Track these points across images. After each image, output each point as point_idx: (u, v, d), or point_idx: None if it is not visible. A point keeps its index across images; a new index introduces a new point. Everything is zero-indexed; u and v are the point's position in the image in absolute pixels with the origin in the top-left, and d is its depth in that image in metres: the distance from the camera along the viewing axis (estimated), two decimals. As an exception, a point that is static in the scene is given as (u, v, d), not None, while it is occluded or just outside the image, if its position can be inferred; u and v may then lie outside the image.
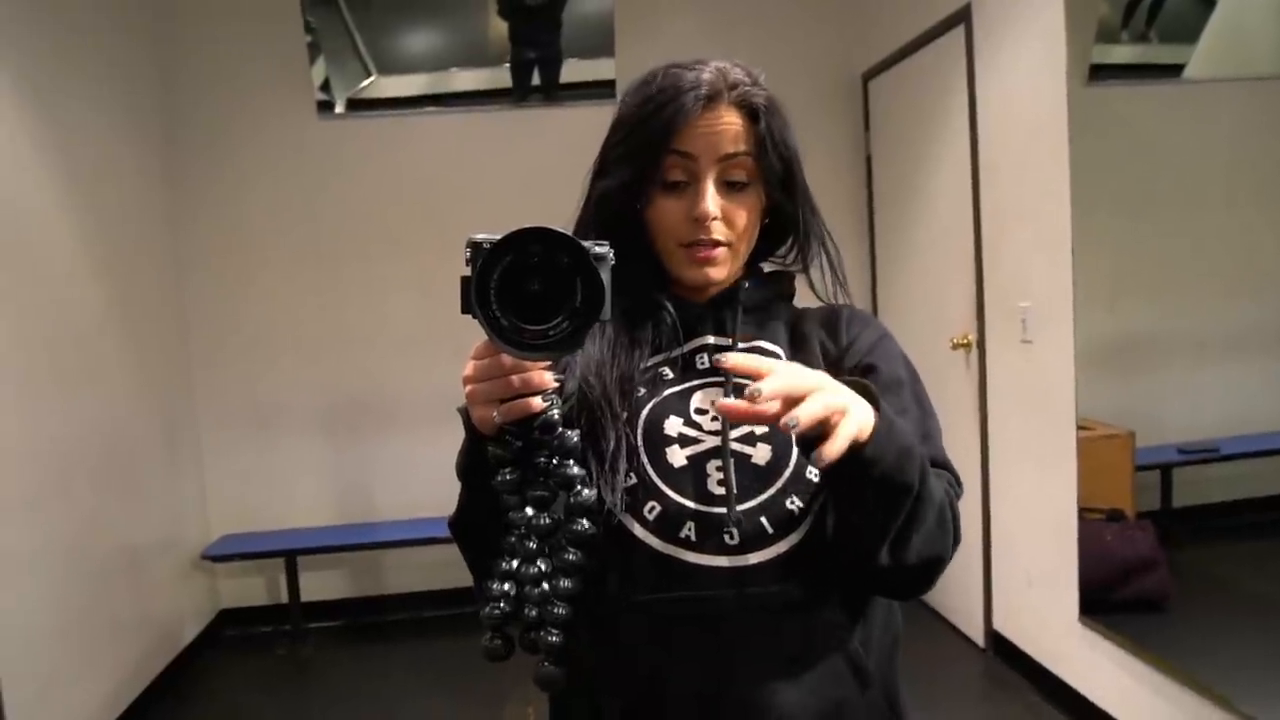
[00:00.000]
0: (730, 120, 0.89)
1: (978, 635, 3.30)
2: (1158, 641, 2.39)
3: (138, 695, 3.10)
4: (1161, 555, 2.47)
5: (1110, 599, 2.58)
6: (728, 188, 0.91)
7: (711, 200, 0.89)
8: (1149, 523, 2.52)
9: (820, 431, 0.70)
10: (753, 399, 0.68)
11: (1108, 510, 2.58)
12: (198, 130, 3.77)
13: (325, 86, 3.82)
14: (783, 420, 0.68)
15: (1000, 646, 3.17)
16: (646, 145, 0.89)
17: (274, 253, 3.87)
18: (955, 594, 3.42)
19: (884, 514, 0.78)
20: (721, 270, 0.93)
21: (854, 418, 0.71)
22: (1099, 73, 2.53)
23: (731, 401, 0.72)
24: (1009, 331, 2.96)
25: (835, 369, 0.93)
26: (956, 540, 0.85)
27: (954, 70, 3.18)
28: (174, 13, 3.71)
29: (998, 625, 3.19)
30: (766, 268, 1.02)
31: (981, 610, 3.25)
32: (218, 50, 3.77)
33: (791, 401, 0.69)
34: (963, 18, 3.08)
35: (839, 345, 0.96)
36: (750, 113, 0.90)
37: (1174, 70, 2.39)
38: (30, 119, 2.71)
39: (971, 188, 3.12)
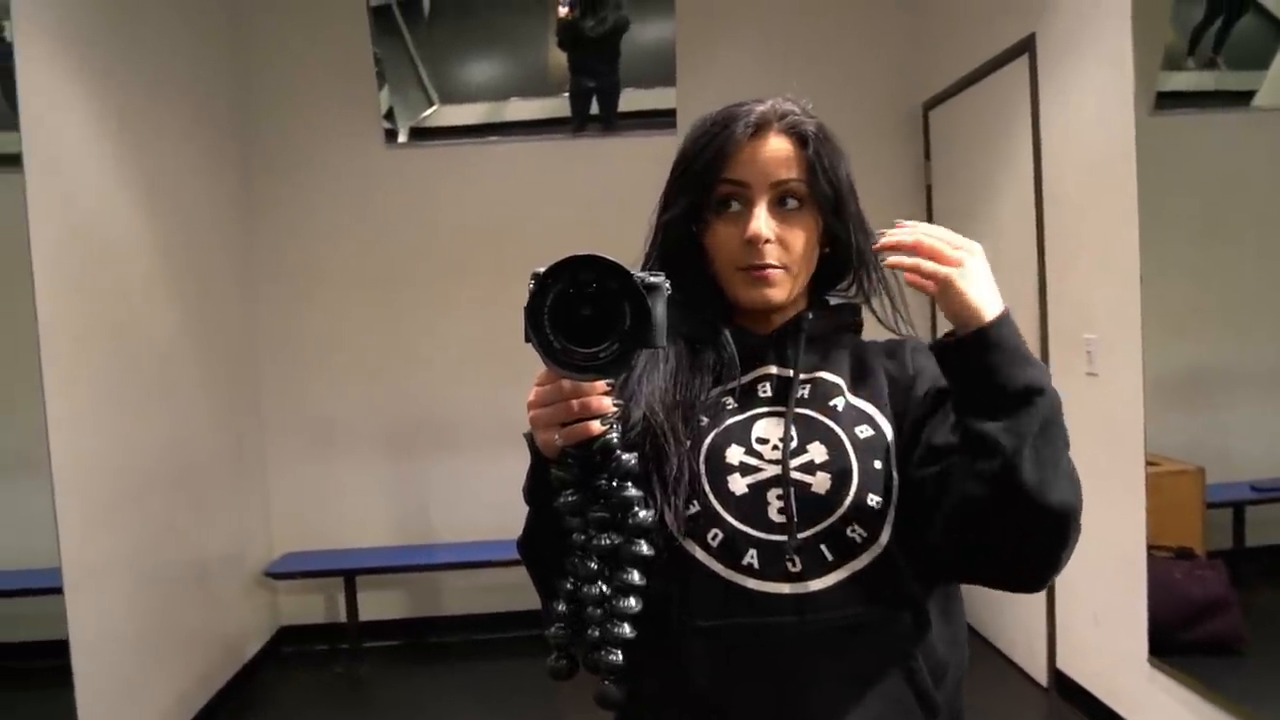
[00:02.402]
0: (780, 147, 0.93)
1: (1040, 674, 3.21)
2: (1230, 685, 2.30)
3: (201, 707, 3.17)
4: (1233, 596, 2.38)
5: (1179, 640, 2.49)
6: (781, 213, 0.93)
7: (763, 222, 0.91)
8: (1220, 562, 2.44)
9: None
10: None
11: (1176, 548, 2.50)
12: (271, 156, 3.91)
13: (389, 115, 3.94)
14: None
15: (1064, 686, 3.08)
16: (701, 174, 0.93)
17: (340, 275, 3.97)
18: (1017, 630, 3.34)
19: (1018, 412, 0.77)
20: (779, 291, 0.94)
21: (978, 275, 0.82)
22: (1165, 101, 2.48)
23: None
24: (1074, 364, 2.90)
25: (905, 398, 0.94)
26: (1077, 514, 0.80)
27: (1017, 99, 3.15)
28: (250, 44, 3.87)
29: (1061, 664, 3.10)
30: (832, 301, 1.03)
31: (1045, 648, 3.17)
32: (291, 79, 3.91)
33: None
34: (1027, 47, 3.06)
35: (906, 374, 0.97)
36: (800, 139, 0.93)
37: (1243, 98, 2.34)
38: (115, 146, 2.84)
39: (1035, 217, 3.08)
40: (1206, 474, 2.43)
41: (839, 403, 0.93)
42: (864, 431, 0.91)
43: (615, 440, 0.79)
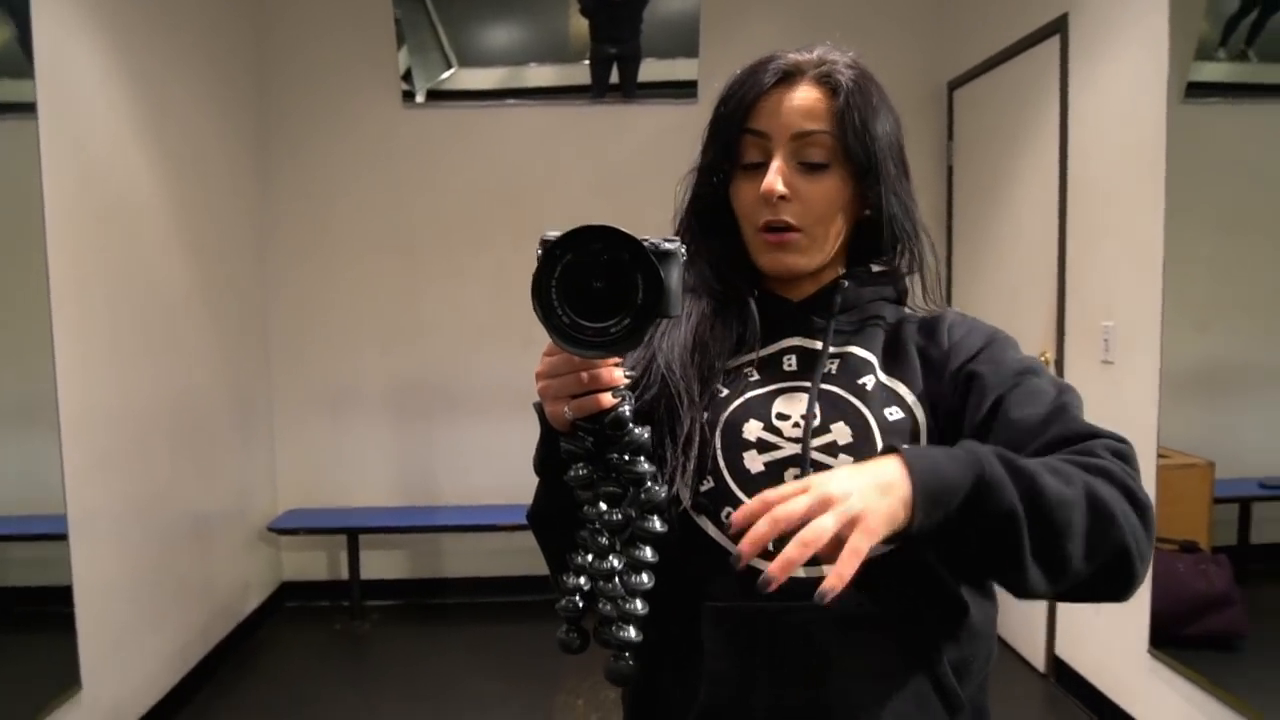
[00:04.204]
0: (805, 95, 0.86)
1: (1038, 660, 3.22)
2: (1231, 679, 2.30)
3: (202, 658, 3.21)
4: (1237, 591, 2.37)
5: (1180, 633, 2.49)
6: (804, 168, 0.86)
7: (776, 177, 0.85)
8: (1225, 557, 2.43)
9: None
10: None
11: (1181, 542, 2.49)
12: (287, 115, 3.88)
13: (407, 76, 3.90)
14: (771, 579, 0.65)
15: (1062, 673, 3.08)
16: (725, 125, 0.88)
17: (354, 237, 3.96)
18: (1016, 616, 3.34)
19: (999, 549, 0.70)
20: (799, 259, 0.88)
21: (870, 519, 0.65)
22: (1195, 90, 2.44)
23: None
24: (1090, 350, 2.88)
25: (937, 376, 0.88)
26: (1142, 511, 0.74)
27: (1046, 81, 3.10)
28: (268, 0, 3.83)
29: (1060, 651, 3.10)
30: (875, 268, 0.94)
31: (1045, 635, 3.17)
32: (309, 35, 3.87)
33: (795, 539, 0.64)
34: (1058, 28, 3.01)
35: (940, 350, 0.89)
36: (831, 89, 0.86)
37: (1275, 90, 2.30)
38: (130, 99, 2.82)
39: (1059, 201, 3.04)
40: (1216, 469, 2.41)
41: (868, 381, 0.87)
42: (893, 414, 0.86)
43: (627, 413, 0.76)
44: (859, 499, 0.66)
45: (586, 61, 3.94)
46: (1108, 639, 2.79)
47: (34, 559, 2.45)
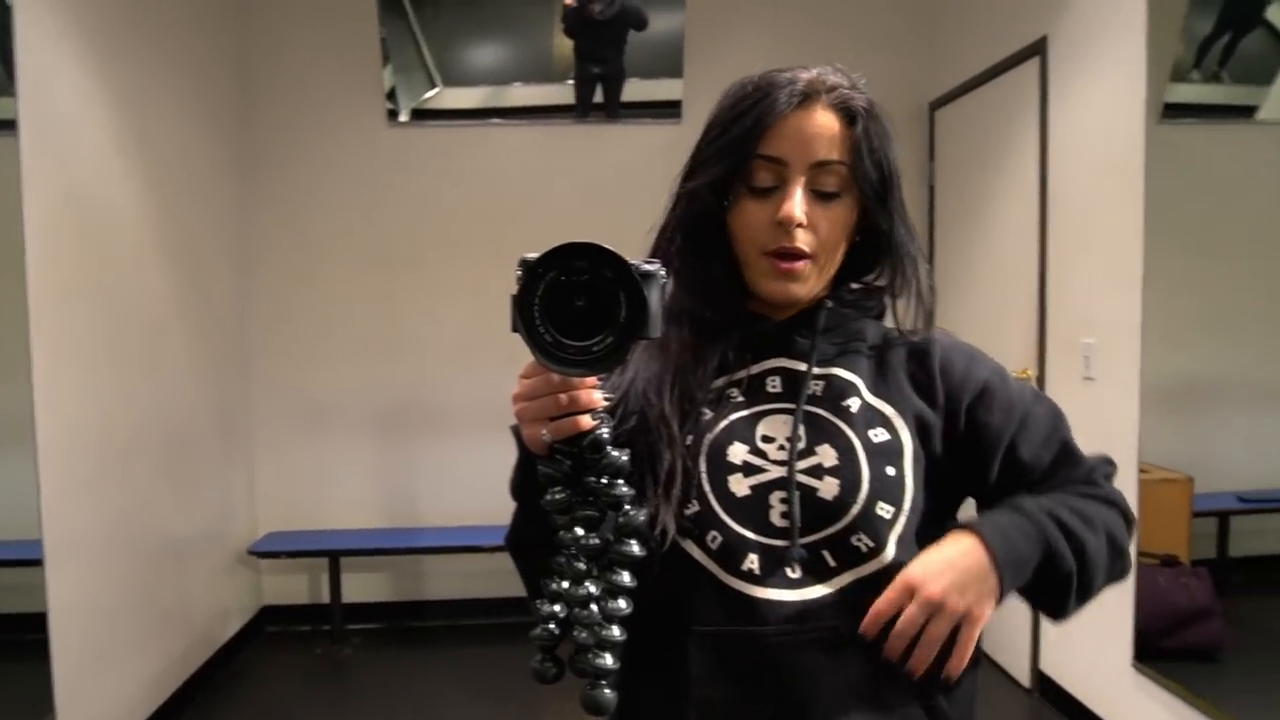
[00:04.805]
0: (825, 123, 0.85)
1: (1023, 675, 3.22)
2: (1212, 692, 2.32)
3: (181, 684, 3.16)
4: (1217, 604, 2.40)
5: (1162, 646, 2.50)
6: (817, 196, 0.85)
7: (798, 204, 0.84)
8: (1205, 570, 2.45)
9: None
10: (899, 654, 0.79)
11: (1162, 556, 2.51)
12: (270, 130, 3.87)
13: (391, 95, 3.91)
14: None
15: (1046, 688, 3.08)
16: (736, 143, 0.85)
17: (336, 254, 3.94)
18: (1001, 631, 3.34)
19: (1052, 597, 0.85)
20: (805, 286, 0.87)
21: (975, 614, 0.79)
22: (1171, 110, 2.48)
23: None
24: (1070, 367, 2.90)
25: (929, 402, 0.89)
26: (1131, 526, 0.90)
27: (1026, 102, 3.14)
28: (253, 16, 3.83)
29: (1045, 666, 3.11)
30: (855, 287, 0.95)
31: (1029, 650, 3.17)
32: (294, 53, 3.87)
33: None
34: (1038, 50, 3.05)
35: (930, 377, 0.90)
36: (848, 117, 0.85)
37: (1247, 111, 2.34)
38: (113, 115, 2.80)
39: (1039, 220, 3.07)
40: (1195, 483, 2.44)
41: (853, 403, 0.88)
42: (878, 435, 0.86)
43: (606, 435, 0.75)
44: (959, 598, 0.77)
45: (571, 81, 3.95)
46: (1092, 653, 2.80)
47: (8, 585, 2.41)
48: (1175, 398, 2.53)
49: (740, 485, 0.84)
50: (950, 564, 0.77)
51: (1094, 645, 2.78)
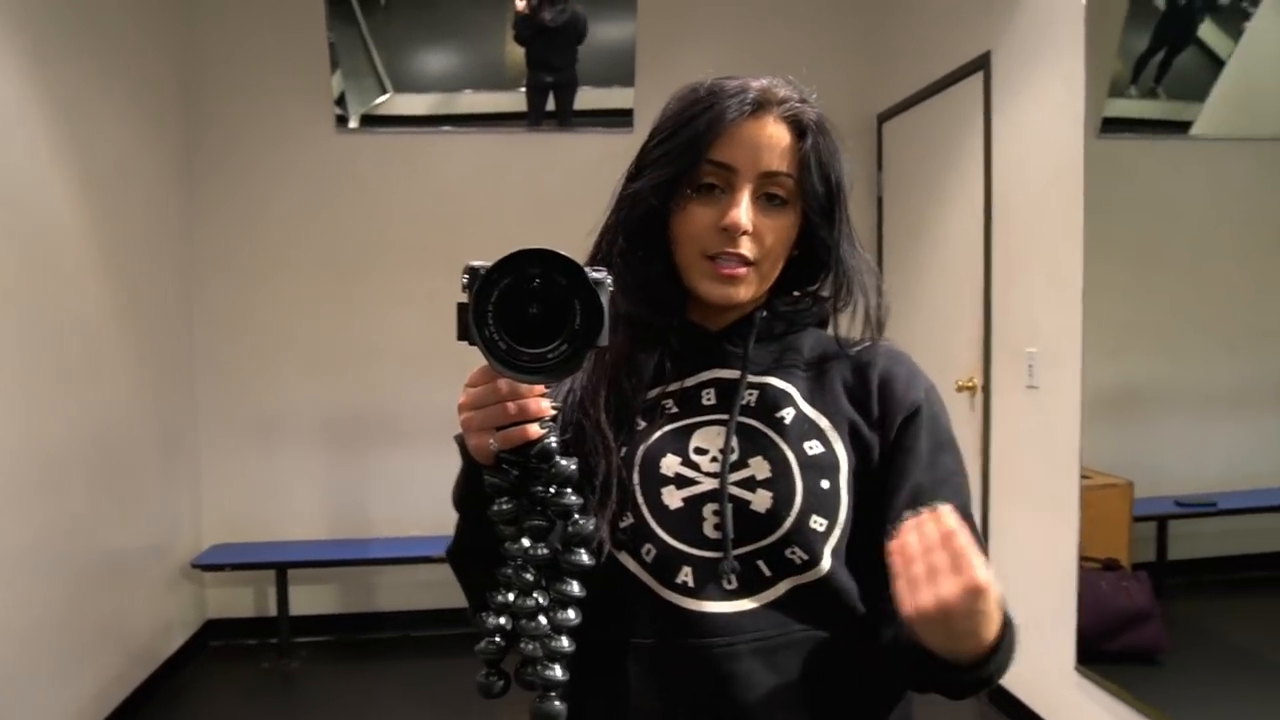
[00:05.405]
0: (776, 134, 0.85)
1: (970, 680, 3.26)
2: (1152, 693, 2.36)
3: (120, 702, 3.07)
4: (1156, 607, 2.45)
5: (1104, 649, 2.55)
6: (764, 204, 0.85)
7: (745, 211, 0.83)
8: (1144, 574, 2.51)
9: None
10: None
11: (1104, 560, 2.56)
12: (216, 136, 3.80)
13: (340, 101, 3.86)
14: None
15: (992, 692, 3.13)
16: (686, 147, 0.85)
17: (284, 262, 3.88)
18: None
19: (966, 689, 0.79)
20: (745, 291, 0.86)
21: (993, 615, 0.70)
22: (1110, 125, 2.55)
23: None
24: (1015, 376, 2.96)
25: (864, 414, 0.88)
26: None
27: (970, 115, 3.20)
28: (196, 19, 3.75)
29: (990, 671, 3.15)
30: (794, 295, 0.95)
31: (975, 655, 3.21)
32: (239, 58, 3.81)
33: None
34: (982, 64, 3.11)
35: (868, 393, 0.89)
36: (798, 130, 0.86)
37: (1182, 127, 2.41)
38: (49, 119, 2.73)
39: (983, 232, 3.13)
40: (1134, 488, 2.50)
41: (788, 413, 0.87)
42: (813, 448, 0.85)
43: (554, 444, 0.75)
44: (986, 573, 0.67)
45: (523, 89, 3.94)
46: (1036, 657, 2.85)
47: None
48: (1116, 405, 2.59)
49: (673, 498, 0.84)
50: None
51: (1038, 649, 2.83)
